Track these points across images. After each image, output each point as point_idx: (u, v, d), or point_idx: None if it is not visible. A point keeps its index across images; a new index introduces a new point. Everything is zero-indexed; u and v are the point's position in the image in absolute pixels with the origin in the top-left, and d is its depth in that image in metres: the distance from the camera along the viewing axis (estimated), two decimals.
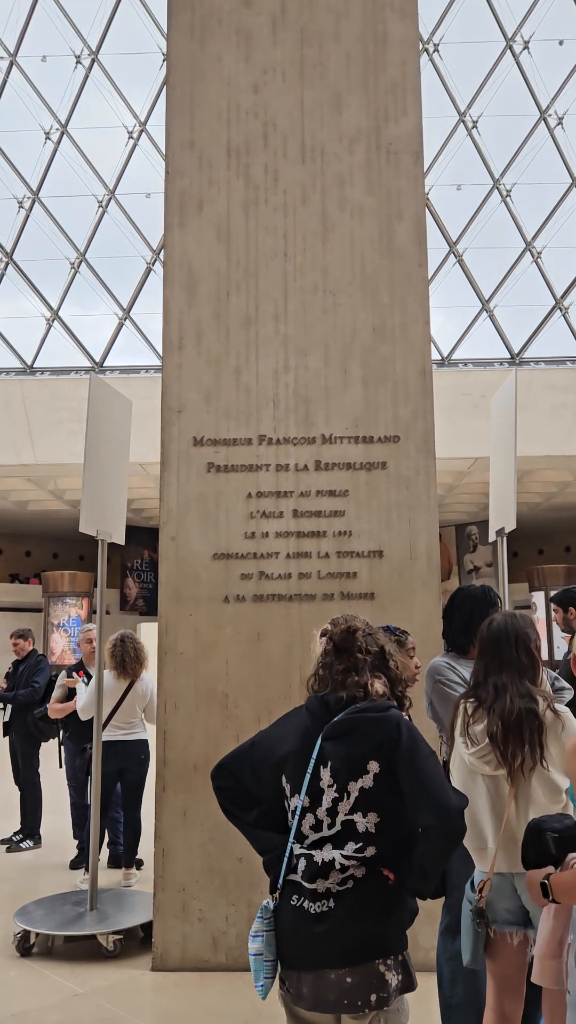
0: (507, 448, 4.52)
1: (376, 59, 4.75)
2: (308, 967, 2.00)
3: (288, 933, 2.04)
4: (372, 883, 2.02)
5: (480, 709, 2.56)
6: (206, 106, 4.75)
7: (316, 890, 2.02)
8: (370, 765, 2.03)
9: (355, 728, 2.07)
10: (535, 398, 17.01)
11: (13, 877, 5.77)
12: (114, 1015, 3.60)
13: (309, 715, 2.17)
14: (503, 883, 2.51)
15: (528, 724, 2.46)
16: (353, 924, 1.98)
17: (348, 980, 1.96)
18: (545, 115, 19.62)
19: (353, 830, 2.03)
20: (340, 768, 2.05)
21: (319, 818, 2.05)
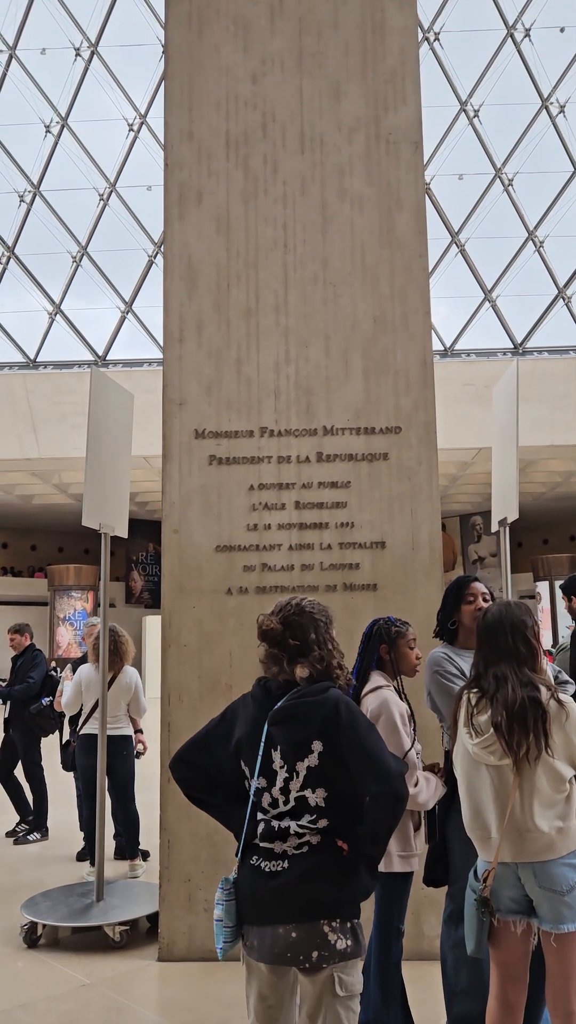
0: (509, 438, 4.51)
1: (375, 48, 4.73)
2: (260, 922, 2.18)
3: (246, 891, 2.22)
4: (326, 851, 2.18)
5: (484, 699, 2.56)
6: (205, 97, 4.73)
7: (273, 850, 2.20)
8: (314, 745, 2.19)
9: (296, 714, 2.22)
10: (538, 388, 16.97)
11: (20, 869, 5.80)
12: (121, 1005, 3.63)
13: (254, 702, 2.31)
14: (507, 872, 2.52)
15: (532, 713, 2.46)
16: (303, 885, 2.14)
17: (293, 935, 2.13)
18: (547, 103, 19.50)
19: (306, 804, 2.20)
20: (288, 751, 2.21)
21: (274, 796, 2.22)
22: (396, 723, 2.96)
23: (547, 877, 2.45)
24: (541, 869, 2.45)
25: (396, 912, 3.00)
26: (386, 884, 3.00)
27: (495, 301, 19.95)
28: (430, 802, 3.00)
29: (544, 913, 2.46)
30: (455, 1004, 3.16)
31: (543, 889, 2.45)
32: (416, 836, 3.02)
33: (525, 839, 2.46)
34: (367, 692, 3.07)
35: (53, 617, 25.21)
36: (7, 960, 4.15)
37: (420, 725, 3.60)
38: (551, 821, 2.45)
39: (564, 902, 2.43)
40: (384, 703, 2.99)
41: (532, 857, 2.46)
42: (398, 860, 2.97)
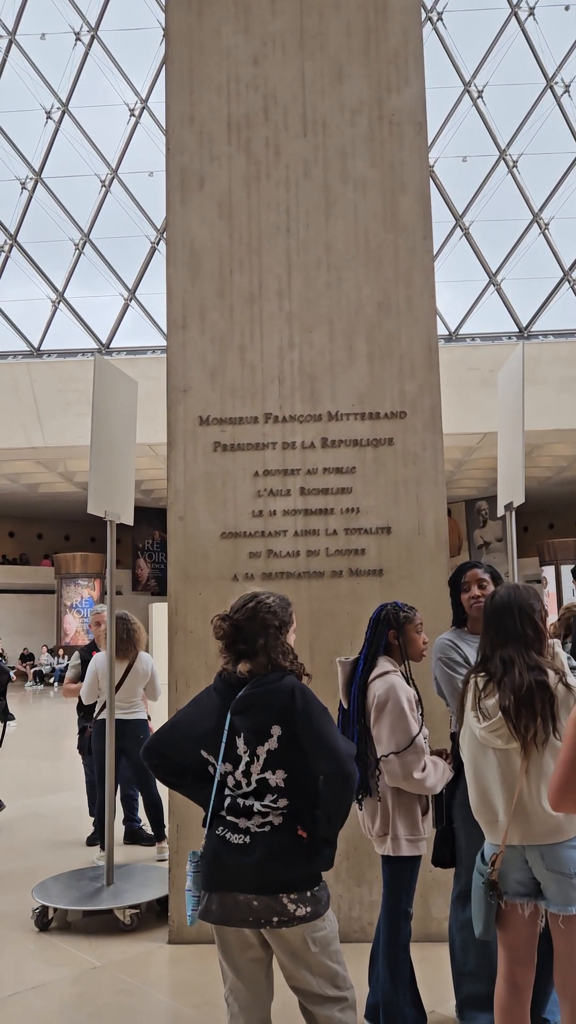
0: (515, 422, 4.49)
1: (377, 28, 4.68)
2: (221, 888, 2.34)
3: (210, 858, 2.38)
4: (287, 833, 2.35)
5: (491, 683, 2.56)
6: (206, 80, 4.69)
7: (238, 824, 2.36)
8: (273, 730, 2.37)
9: (255, 702, 2.39)
10: (544, 372, 16.91)
11: (31, 854, 5.85)
12: (132, 987, 3.67)
13: (216, 694, 2.49)
14: (514, 855, 2.53)
15: (540, 697, 2.46)
16: (265, 863, 2.30)
17: (254, 903, 2.32)
18: (552, 83, 19.31)
19: (267, 785, 2.37)
20: (249, 737, 2.38)
21: (238, 779, 2.40)
22: (404, 708, 2.97)
23: (555, 859, 2.46)
24: (549, 852, 2.46)
25: (404, 895, 3.02)
26: (394, 867, 3.02)
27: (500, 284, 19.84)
28: (438, 786, 3.02)
29: (552, 895, 2.48)
30: (463, 985, 3.19)
31: (551, 872, 2.46)
32: (424, 820, 3.04)
33: (532, 822, 2.47)
34: (374, 677, 3.07)
35: (60, 605, 25.33)
36: (19, 943, 4.20)
37: (428, 710, 3.61)
38: None
39: (572, 884, 2.44)
40: (391, 688, 3.00)
41: (540, 840, 2.47)
42: (406, 844, 2.99)
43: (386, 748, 2.96)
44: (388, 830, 3.01)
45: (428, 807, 3.07)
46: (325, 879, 2.45)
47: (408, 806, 3.01)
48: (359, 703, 3.10)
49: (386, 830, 3.01)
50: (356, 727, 3.10)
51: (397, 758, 2.93)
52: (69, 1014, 3.49)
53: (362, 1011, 3.27)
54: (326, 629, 4.24)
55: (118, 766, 5.79)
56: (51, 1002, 3.57)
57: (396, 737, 2.94)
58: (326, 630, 4.24)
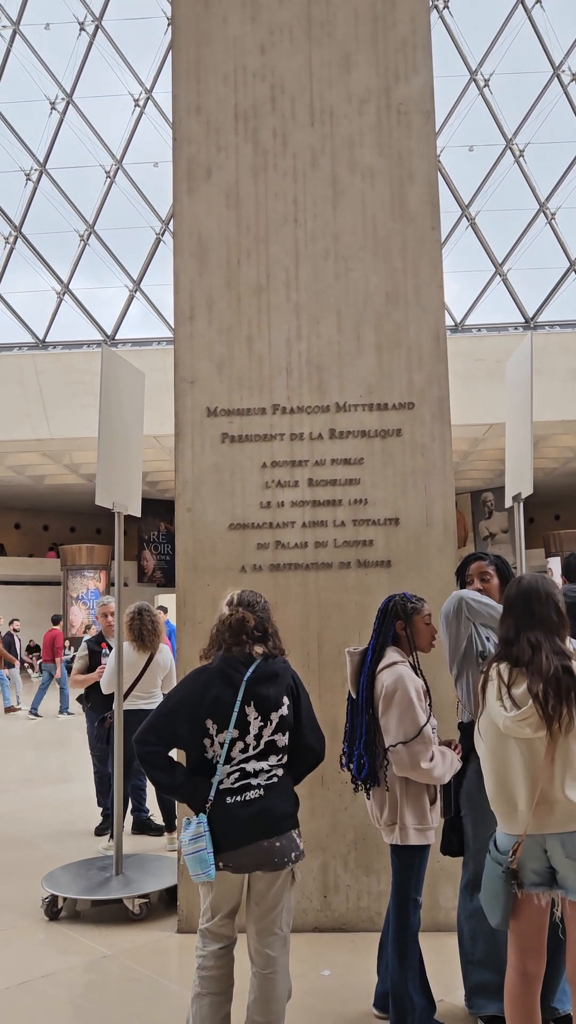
0: (523, 413, 4.48)
1: (385, 16, 4.64)
2: (244, 844, 2.68)
3: (228, 824, 2.69)
4: (286, 781, 2.83)
5: (515, 671, 2.53)
6: (212, 69, 4.67)
7: (249, 784, 2.73)
8: (283, 700, 2.81)
9: (271, 676, 2.82)
10: (551, 362, 16.83)
11: (40, 844, 5.89)
12: (141, 975, 3.69)
13: (228, 669, 2.82)
14: (533, 844, 2.52)
15: (566, 682, 2.45)
16: (278, 807, 2.74)
17: (278, 844, 2.71)
18: (558, 72, 19.17)
19: (274, 747, 2.79)
20: (261, 704, 2.77)
21: (247, 743, 2.75)
22: (412, 698, 2.97)
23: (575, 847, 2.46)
24: (569, 839, 2.46)
25: (413, 884, 3.03)
26: (403, 856, 3.03)
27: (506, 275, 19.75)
28: (446, 776, 3.02)
29: (570, 883, 2.47)
30: (472, 974, 3.21)
31: (571, 859, 2.46)
32: (432, 810, 3.05)
33: (554, 810, 2.47)
34: (383, 668, 3.08)
35: (66, 596, 25.39)
36: (29, 932, 4.22)
37: (436, 701, 3.61)
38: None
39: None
40: (399, 679, 3.00)
41: (560, 828, 2.47)
42: (414, 833, 3.00)
43: (394, 738, 2.97)
44: (396, 819, 3.02)
45: (436, 797, 3.08)
46: (332, 866, 2.50)
47: (416, 796, 3.02)
48: (367, 693, 3.11)
49: (394, 819, 3.03)
50: (364, 717, 3.11)
51: (405, 748, 2.94)
52: (79, 1002, 3.52)
53: (371, 1000, 3.29)
54: (334, 620, 4.25)
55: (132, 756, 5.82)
56: (61, 990, 3.60)
57: (404, 727, 2.95)
58: (334, 621, 4.25)
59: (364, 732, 3.10)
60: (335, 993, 3.45)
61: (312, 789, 4.11)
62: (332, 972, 3.65)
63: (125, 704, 5.46)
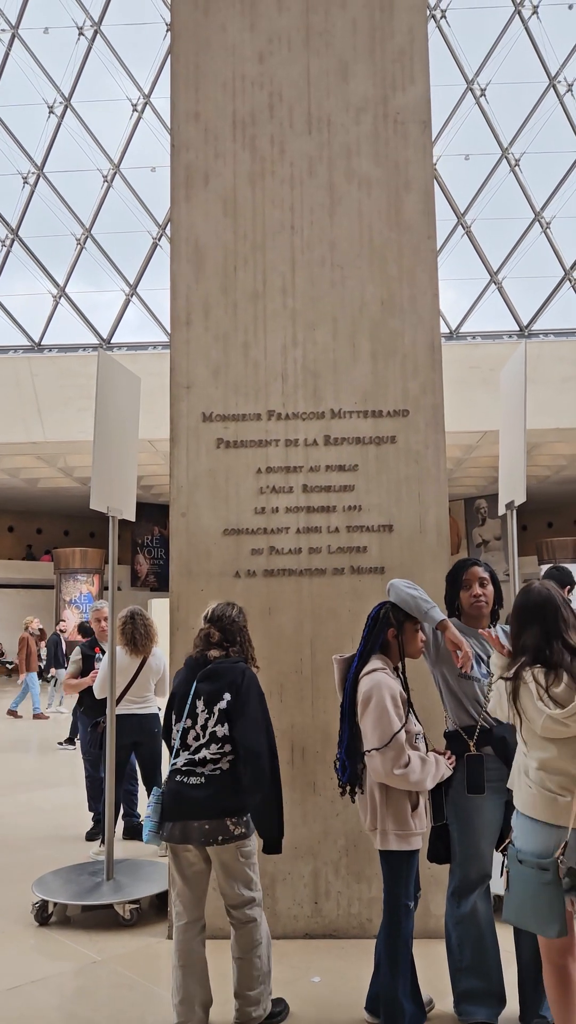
0: (517, 421, 4.51)
1: (383, 26, 4.68)
2: (181, 818, 3.12)
3: (171, 797, 3.15)
4: (229, 776, 3.11)
5: (552, 673, 2.60)
6: (211, 77, 4.69)
7: (194, 771, 3.12)
8: (224, 695, 3.15)
9: (215, 674, 3.21)
10: (544, 371, 16.88)
11: (30, 848, 5.87)
12: (131, 981, 3.68)
13: (187, 669, 3.33)
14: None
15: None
16: (215, 796, 3.09)
17: (207, 826, 3.08)
18: (555, 82, 19.28)
19: (215, 737, 3.13)
20: (208, 699, 3.17)
21: (197, 732, 3.16)
22: (386, 704, 2.99)
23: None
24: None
25: (403, 889, 3.04)
26: (390, 861, 3.04)
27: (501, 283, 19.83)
28: (425, 783, 3.01)
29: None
30: (460, 981, 3.21)
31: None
32: (414, 816, 3.04)
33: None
34: (364, 674, 3.10)
35: (59, 600, 25.31)
36: (19, 937, 4.21)
37: (427, 707, 3.63)
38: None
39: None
40: (376, 685, 3.03)
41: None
42: (394, 838, 3.01)
43: (369, 743, 3.00)
44: (378, 825, 3.03)
45: (418, 803, 3.07)
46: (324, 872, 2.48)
47: (397, 801, 3.02)
48: (351, 699, 3.14)
49: (375, 825, 3.05)
50: (347, 723, 3.14)
51: (379, 753, 2.96)
52: (69, 1007, 3.51)
53: (362, 1006, 3.29)
54: (327, 626, 4.26)
55: (129, 760, 5.82)
56: (51, 996, 3.59)
57: (378, 733, 2.97)
58: (327, 627, 4.25)
59: (348, 738, 3.13)
60: (325, 999, 3.45)
61: (304, 795, 4.12)
62: (322, 979, 3.65)
63: (118, 708, 5.45)
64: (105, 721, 5.61)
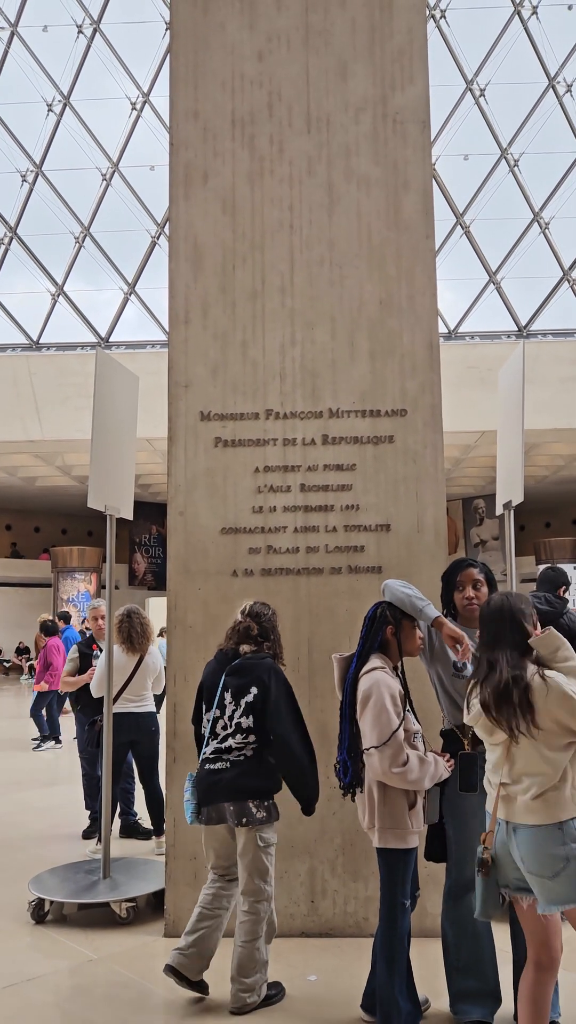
0: (515, 421, 4.51)
1: (382, 25, 4.68)
2: (212, 802, 3.39)
3: (201, 784, 3.43)
4: (254, 761, 3.38)
5: (478, 685, 2.72)
6: (210, 76, 4.69)
7: (221, 757, 3.40)
8: (251, 689, 3.39)
9: (242, 669, 3.46)
10: (543, 371, 16.90)
11: (26, 847, 5.87)
12: (127, 979, 3.68)
13: (216, 662, 3.56)
14: (504, 853, 2.76)
15: (516, 689, 2.58)
16: (238, 778, 3.35)
17: (231, 808, 3.35)
18: (554, 82, 19.29)
19: (240, 728, 3.39)
20: (235, 692, 3.42)
21: (224, 722, 3.42)
22: (385, 703, 3.00)
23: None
24: (526, 838, 2.65)
25: (400, 887, 3.04)
26: (387, 859, 3.05)
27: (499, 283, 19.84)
28: (423, 782, 3.01)
29: (537, 890, 2.64)
30: (456, 980, 3.22)
31: (531, 873, 2.63)
32: (412, 814, 3.05)
33: (516, 803, 2.68)
34: (363, 673, 3.11)
35: (57, 599, 25.29)
36: (15, 935, 4.21)
37: (425, 707, 3.63)
38: None
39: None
40: (375, 684, 3.03)
41: (520, 819, 2.67)
42: (392, 836, 3.02)
43: (368, 742, 3.01)
44: (375, 823, 3.04)
45: (416, 802, 3.08)
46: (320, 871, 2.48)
47: (394, 800, 3.03)
48: (351, 698, 3.14)
49: (373, 823, 3.05)
50: (347, 722, 3.14)
51: (377, 751, 2.96)
52: (65, 1006, 3.51)
53: (357, 1005, 3.30)
54: (325, 625, 4.26)
55: (126, 759, 5.82)
56: (47, 994, 3.59)
57: (376, 731, 2.98)
58: (325, 626, 4.26)
59: (348, 737, 3.14)
60: (321, 998, 3.45)
61: None
62: (319, 977, 3.65)
63: (115, 707, 5.46)
64: (102, 720, 5.61)
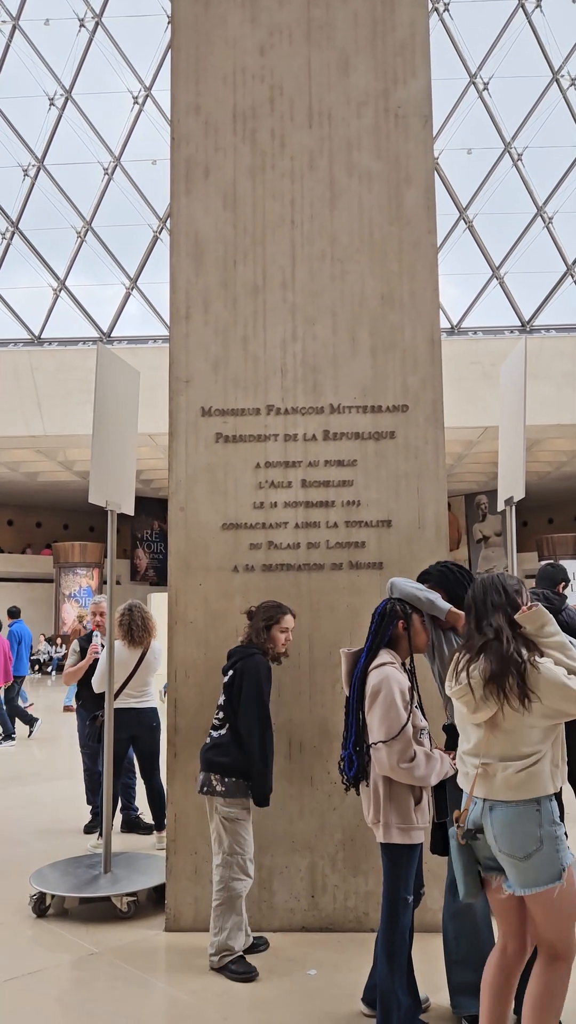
0: (516, 417, 4.50)
1: (384, 19, 4.66)
2: (201, 769, 3.82)
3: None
4: (226, 739, 3.75)
5: (471, 656, 2.66)
6: (211, 70, 4.67)
7: (211, 733, 3.83)
8: (229, 673, 3.81)
9: (230, 655, 3.91)
10: (546, 366, 16.88)
11: (28, 841, 5.88)
12: (128, 973, 3.69)
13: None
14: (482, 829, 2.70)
15: (515, 668, 2.55)
16: (208, 752, 3.79)
17: (200, 777, 3.80)
18: (558, 76, 19.23)
19: (219, 705, 3.84)
20: (225, 675, 3.85)
21: (220, 703, 3.85)
22: (394, 698, 3.01)
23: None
24: (501, 814, 2.63)
25: (403, 883, 3.05)
26: (391, 854, 3.05)
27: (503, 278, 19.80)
28: (430, 779, 3.03)
29: (509, 875, 2.64)
30: (455, 974, 3.23)
31: (503, 853, 2.61)
32: (417, 810, 3.06)
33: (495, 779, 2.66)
34: (372, 668, 3.11)
35: (59, 594, 25.34)
36: (16, 929, 4.23)
37: (427, 703, 3.63)
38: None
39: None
40: (384, 679, 3.04)
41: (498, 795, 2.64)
42: (397, 832, 3.02)
43: (376, 736, 3.01)
44: (380, 818, 3.04)
45: (422, 797, 3.09)
46: (320, 866, 2.60)
47: (400, 795, 3.03)
48: (359, 692, 3.14)
49: (378, 818, 3.06)
50: (355, 716, 3.14)
51: (385, 746, 2.97)
52: (66, 999, 3.52)
53: (357, 999, 3.31)
54: (325, 621, 4.26)
55: (127, 754, 5.82)
56: (48, 987, 3.60)
57: (385, 726, 2.99)
58: (325, 622, 4.26)
59: (355, 731, 3.14)
60: (321, 992, 3.46)
61: (301, 789, 4.13)
62: (318, 971, 3.66)
63: (117, 702, 5.47)
64: (103, 715, 5.62)
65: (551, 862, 2.50)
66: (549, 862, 2.50)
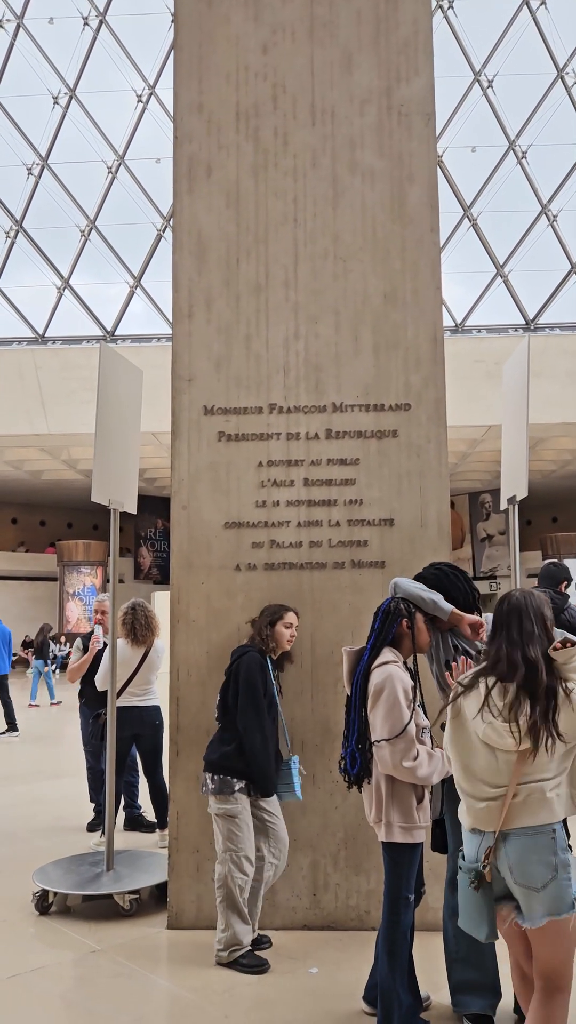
0: (519, 415, 4.49)
1: (387, 16, 4.65)
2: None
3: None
4: (223, 737, 3.84)
5: (504, 684, 2.52)
6: (214, 68, 4.67)
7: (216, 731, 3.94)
8: (227, 671, 3.90)
9: (232, 655, 3.96)
10: (550, 364, 16.85)
11: (31, 839, 5.90)
12: (131, 970, 3.70)
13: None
14: (495, 861, 2.59)
15: (550, 699, 2.45)
16: (205, 754, 3.87)
17: (199, 776, 3.91)
18: (563, 73, 19.18)
19: (216, 704, 3.94)
20: (226, 676, 3.94)
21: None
22: (398, 696, 3.01)
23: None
24: (520, 846, 2.56)
25: (404, 881, 3.05)
26: (392, 853, 3.05)
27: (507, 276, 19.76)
28: (432, 777, 3.03)
29: (524, 907, 2.57)
30: (455, 972, 3.23)
31: (519, 885, 2.53)
32: (419, 809, 3.06)
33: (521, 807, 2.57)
34: (375, 666, 3.11)
35: (63, 592, 25.38)
36: (19, 926, 4.24)
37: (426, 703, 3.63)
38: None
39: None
40: (388, 678, 3.04)
41: (524, 822, 2.54)
42: (399, 831, 3.02)
43: (379, 735, 3.01)
44: (382, 816, 3.04)
45: (424, 796, 3.09)
46: (322, 864, 2.89)
47: (402, 794, 3.03)
48: (361, 691, 3.14)
49: (380, 816, 3.06)
50: (358, 714, 3.14)
51: (388, 745, 2.97)
52: (68, 996, 3.53)
53: (358, 997, 3.31)
54: (327, 620, 4.26)
55: (130, 752, 5.83)
56: (51, 984, 3.61)
57: (388, 724, 2.98)
58: (327, 621, 4.26)
59: (357, 729, 3.14)
60: (322, 990, 3.47)
61: (303, 788, 4.13)
62: (320, 969, 3.66)
63: (120, 701, 5.47)
64: (106, 713, 5.63)
65: (565, 891, 2.45)
66: (563, 891, 2.45)
